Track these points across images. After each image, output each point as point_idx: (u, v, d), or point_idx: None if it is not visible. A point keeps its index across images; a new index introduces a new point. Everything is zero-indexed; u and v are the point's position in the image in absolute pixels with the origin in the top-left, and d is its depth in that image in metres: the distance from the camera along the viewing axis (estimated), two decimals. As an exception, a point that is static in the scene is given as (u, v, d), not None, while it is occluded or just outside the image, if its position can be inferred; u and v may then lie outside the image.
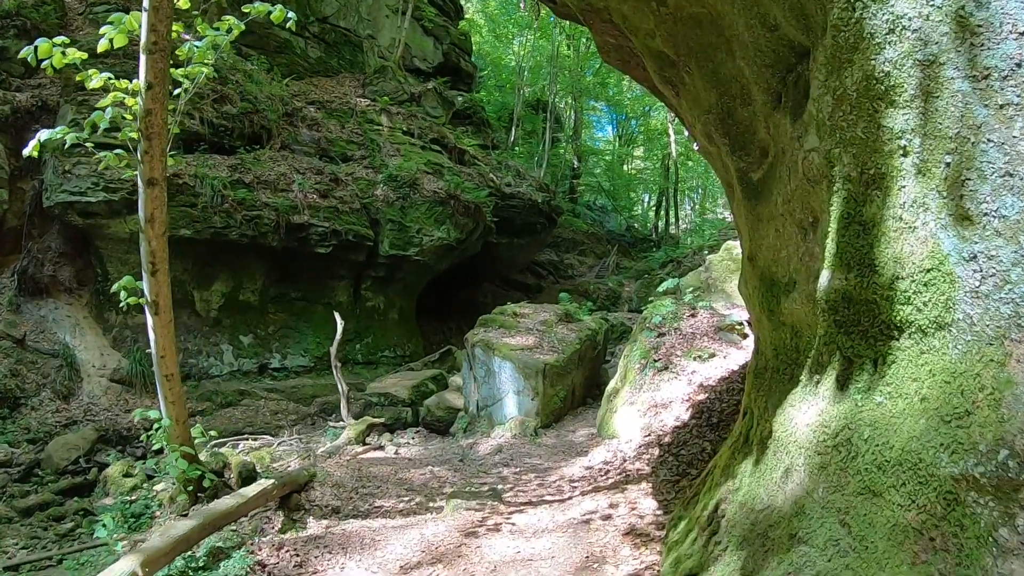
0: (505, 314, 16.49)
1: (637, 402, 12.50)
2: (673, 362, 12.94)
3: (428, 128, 25.81)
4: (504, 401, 14.49)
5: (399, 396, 17.74)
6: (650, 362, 13.02)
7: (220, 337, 20.13)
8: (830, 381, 3.86)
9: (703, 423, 10.65)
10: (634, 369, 13.26)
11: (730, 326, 14.08)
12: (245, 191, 19.83)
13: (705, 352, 13.16)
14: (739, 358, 13.25)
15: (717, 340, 13.79)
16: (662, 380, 12.64)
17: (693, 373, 12.67)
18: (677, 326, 13.99)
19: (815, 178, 3.87)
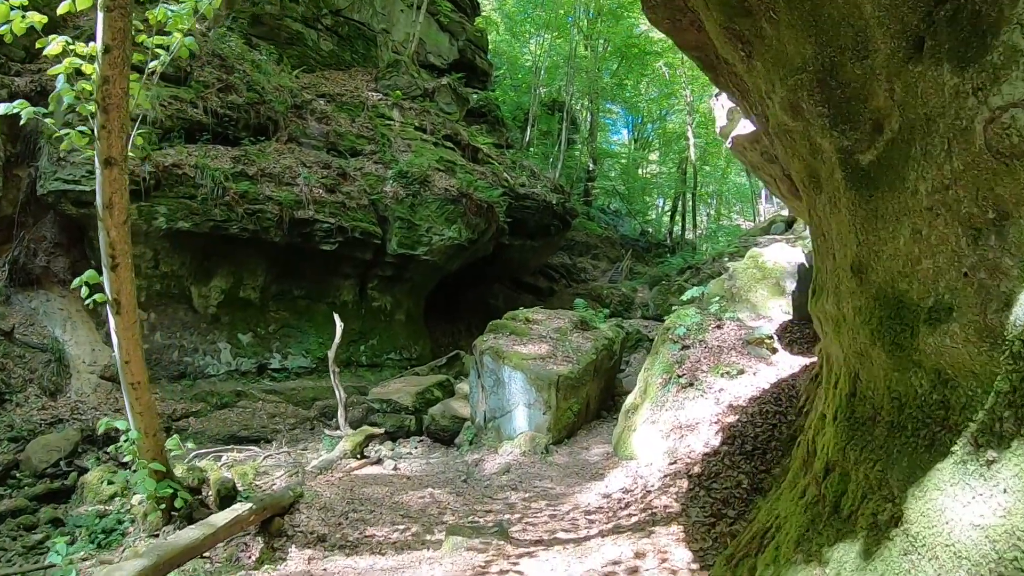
0: (517, 320, 15.17)
1: (659, 421, 11.16)
2: (698, 378, 11.60)
3: (441, 124, 24.51)
4: (513, 413, 13.17)
5: (402, 403, 16.44)
6: (673, 377, 11.69)
7: (218, 335, 18.88)
8: (1020, 465, 2.49)
9: (736, 451, 9.30)
10: (655, 384, 11.92)
11: (759, 340, 12.73)
12: (248, 183, 18.60)
13: (733, 368, 11.81)
14: (769, 375, 11.91)
15: (745, 355, 12.44)
16: (686, 398, 11.30)
17: (721, 391, 11.33)
18: (702, 338, 12.65)
19: (1013, 151, 2.52)
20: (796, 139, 4.33)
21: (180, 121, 18.83)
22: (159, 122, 18.31)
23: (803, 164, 4.42)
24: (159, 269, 18.10)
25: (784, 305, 15.81)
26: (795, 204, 11.81)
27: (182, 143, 18.57)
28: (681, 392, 11.41)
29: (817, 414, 5.15)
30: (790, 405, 10.57)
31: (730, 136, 11.94)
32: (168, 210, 17.36)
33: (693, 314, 13.09)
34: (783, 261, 16.77)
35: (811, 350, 13.48)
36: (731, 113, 11.69)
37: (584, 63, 37.60)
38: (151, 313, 18.15)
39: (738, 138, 11.65)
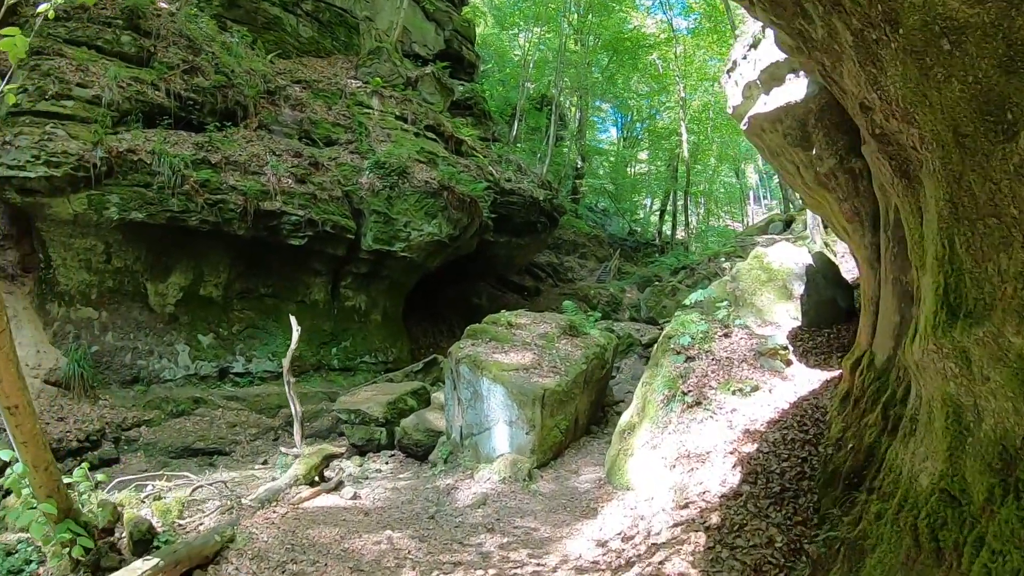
0: (499, 324, 13.23)
1: (661, 447, 9.26)
2: (706, 396, 9.70)
3: (423, 114, 22.50)
4: (492, 431, 11.26)
5: (372, 414, 14.47)
6: (677, 394, 9.79)
7: (176, 336, 16.87)
8: None
9: (761, 492, 7.40)
10: (656, 402, 10.03)
11: (772, 351, 10.86)
12: (210, 172, 16.62)
13: (746, 384, 9.93)
14: (787, 393, 10.05)
15: (757, 368, 10.57)
16: (693, 419, 9.40)
17: (733, 412, 9.44)
18: (708, 348, 10.77)
19: None
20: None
21: (139, 104, 16.84)
22: (115, 104, 16.33)
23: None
24: (111, 264, 16.12)
25: (792, 310, 13.98)
26: (821, 197, 9.93)
27: (140, 127, 16.59)
28: (687, 412, 9.51)
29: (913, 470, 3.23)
30: (818, 432, 8.70)
31: (746, 116, 10.04)
32: (121, 199, 15.40)
33: (698, 321, 11.20)
34: (790, 262, 14.92)
35: (828, 362, 11.63)
36: (748, 90, 9.79)
37: (574, 57, 35.64)
38: (102, 312, 16.17)
39: (756, 118, 9.75)
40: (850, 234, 9.73)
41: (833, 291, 14.92)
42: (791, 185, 11.46)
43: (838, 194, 9.28)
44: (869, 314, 9.16)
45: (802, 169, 9.76)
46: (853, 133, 8.78)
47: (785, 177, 11.16)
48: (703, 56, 36.44)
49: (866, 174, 8.75)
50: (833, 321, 14.52)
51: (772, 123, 9.50)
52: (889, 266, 7.59)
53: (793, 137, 9.37)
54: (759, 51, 9.38)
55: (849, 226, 9.51)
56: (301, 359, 18.17)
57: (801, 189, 10.80)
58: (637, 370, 18.09)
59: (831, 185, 9.31)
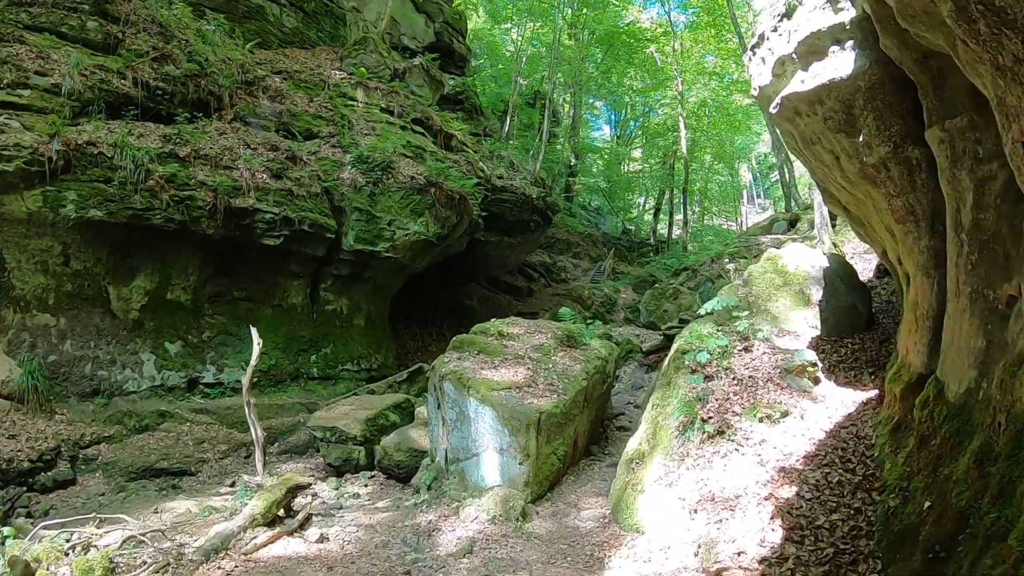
0: (488, 334, 11.62)
1: (679, 485, 7.70)
2: (730, 423, 8.13)
3: (411, 107, 20.85)
4: (481, 459, 9.68)
5: (349, 432, 12.87)
6: (696, 421, 8.21)
7: (141, 344, 15.21)
8: None
9: (810, 556, 5.85)
10: (670, 429, 8.46)
11: (800, 368, 9.29)
12: (177, 166, 14.99)
13: (775, 409, 8.37)
14: (820, 419, 8.51)
15: (784, 388, 9.01)
16: (716, 452, 7.84)
17: (762, 443, 7.88)
18: (728, 365, 9.21)
19: None
20: None
21: (102, 93, 15.23)
22: (76, 94, 14.75)
23: None
24: (70, 266, 14.48)
25: (810, 317, 12.47)
26: (864, 193, 8.38)
27: (102, 118, 14.96)
28: (708, 443, 7.94)
29: None
30: (867, 472, 7.15)
31: (776, 97, 8.45)
32: (79, 196, 13.77)
33: (716, 334, 9.62)
34: (806, 265, 13.41)
35: (860, 379, 10.10)
36: (780, 66, 8.21)
37: (568, 52, 33.95)
38: (60, 318, 14.50)
39: (790, 99, 8.17)
40: (898, 237, 8.17)
41: (852, 296, 13.40)
42: (823, 180, 9.87)
43: (888, 189, 7.72)
44: (924, 331, 7.61)
45: (843, 160, 8.20)
46: (911, 116, 7.24)
47: (817, 171, 9.59)
48: (700, 51, 34.93)
49: (926, 165, 7.21)
50: (854, 330, 12.99)
51: (810, 104, 7.93)
52: (964, 276, 6.02)
53: (835, 121, 7.80)
54: (794, 20, 7.80)
55: (899, 227, 7.94)
56: (277, 367, 16.59)
57: (837, 185, 9.24)
58: (637, 378, 16.54)
59: (880, 178, 7.74)
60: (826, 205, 13.11)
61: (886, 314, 14.07)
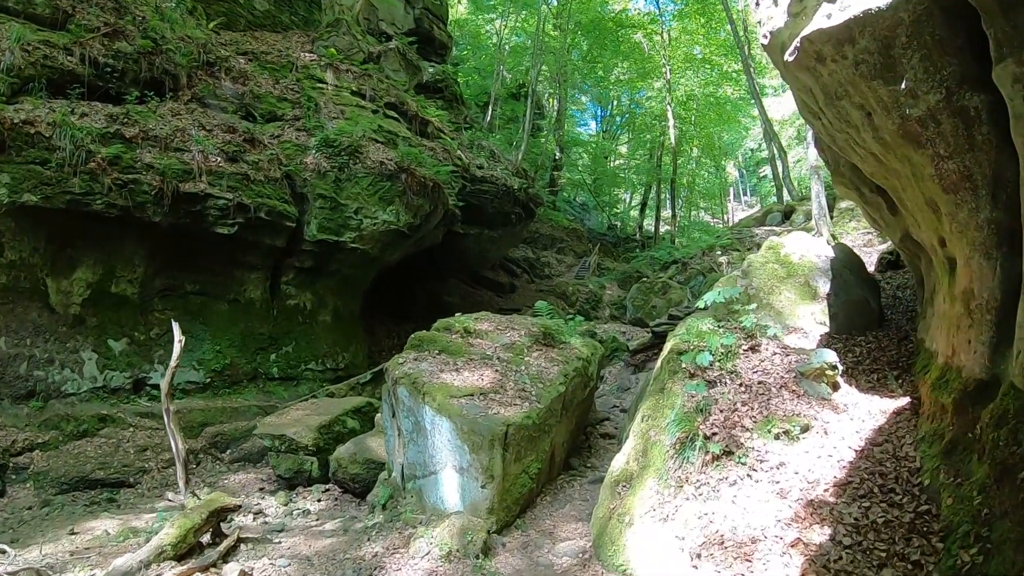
0: (452, 331, 9.82)
1: (677, 519, 5.95)
2: (739, 441, 6.38)
3: (384, 91, 19.02)
4: (439, 477, 7.92)
5: (300, 441, 11.08)
6: (697, 438, 6.45)
7: (82, 342, 13.36)
8: None
9: (866, 638, 4.07)
10: (664, 446, 6.70)
11: (818, 371, 7.55)
12: (121, 147, 13.19)
13: (793, 423, 6.62)
14: (847, 434, 6.80)
15: (801, 396, 7.27)
16: (723, 478, 6.09)
17: (781, 467, 6.13)
18: (733, 368, 7.46)
19: None
20: None
21: (46, 70, 13.43)
22: (15, 70, 12.98)
23: None
24: (3, 257, 12.64)
25: (818, 312, 10.79)
26: (901, 157, 6.63)
27: (44, 96, 13.17)
28: (713, 467, 6.19)
29: None
30: (917, 504, 5.45)
31: (795, 40, 6.67)
32: (12, 179, 11.98)
33: (717, 330, 7.86)
34: (811, 255, 11.70)
35: (884, 382, 8.38)
36: (798, 2, 6.43)
37: (553, 43, 32.09)
38: (-9, 313, 12.69)
39: (812, 40, 6.39)
40: (944, 211, 6.42)
41: (863, 290, 11.70)
42: (843, 150, 8.10)
43: (937, 149, 5.96)
44: (982, 326, 5.88)
45: (878, 116, 6.44)
46: (969, 54, 5.52)
47: (838, 136, 7.82)
48: (688, 41, 33.15)
49: (988, 117, 5.49)
50: (866, 326, 11.28)
51: (837, 45, 6.17)
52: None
53: (870, 65, 6.04)
54: (819, -58, 6.06)
55: (947, 199, 6.19)
56: (233, 367, 14.77)
57: (862, 153, 7.49)
58: (624, 379, 14.77)
59: (925, 136, 5.99)
60: (837, 186, 11.35)
61: (893, 310, 12.43)
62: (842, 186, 10.99)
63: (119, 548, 8.52)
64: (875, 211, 10.92)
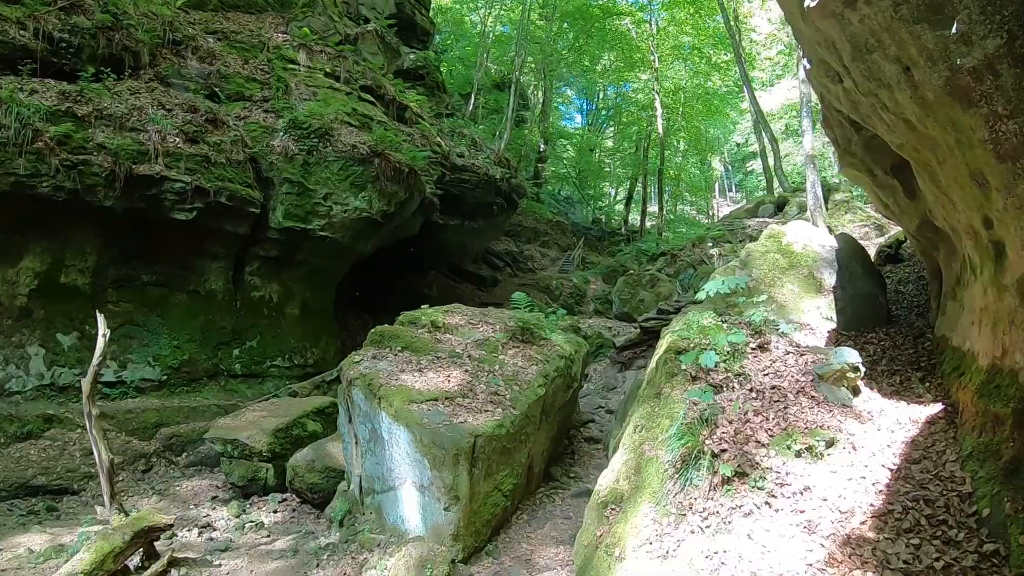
0: (419, 325, 8.57)
1: (678, 557, 4.78)
2: (754, 459, 5.20)
3: (360, 73, 17.73)
4: (399, 494, 6.70)
5: (254, 446, 9.83)
6: (703, 455, 5.26)
7: (28, 336, 12.06)
8: None
9: None
10: (662, 464, 5.51)
11: (837, 373, 6.38)
12: (72, 125, 11.95)
13: (816, 436, 5.45)
14: (878, 449, 5.71)
15: (821, 403, 6.10)
16: (736, 507, 4.90)
17: (805, 492, 4.95)
18: (741, 370, 6.24)
19: None
20: None
21: (-7, 43, 12.24)
22: (-40, 45, 11.82)
23: None
24: (-59, 243, 11.47)
25: (824, 307, 9.73)
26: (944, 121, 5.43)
27: (-8, 73, 12.00)
28: (723, 492, 5.00)
29: None
30: (978, 540, 4.35)
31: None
32: (-48, 160, 10.80)
33: (724, 326, 6.62)
34: (815, 245, 10.61)
35: (908, 386, 7.27)
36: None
37: (538, 32, 30.76)
38: (-72, 305, 11.45)
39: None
40: (995, 185, 5.24)
41: (870, 283, 10.59)
42: (868, 116, 6.88)
43: (993, 106, 4.76)
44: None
45: (919, 71, 5.24)
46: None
47: (862, 103, 6.60)
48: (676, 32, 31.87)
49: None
50: (875, 323, 10.16)
51: (878, -20, 4.97)
52: None
53: (913, 6, 4.85)
54: None
55: (1001, 168, 5.00)
56: (192, 363, 13.49)
57: (890, 119, 6.28)
58: (609, 378, 13.57)
59: (980, 90, 4.79)
60: (845, 168, 10.17)
61: (897, 305, 11.34)
62: (851, 168, 9.82)
63: (38, 570, 7.31)
64: (888, 196, 9.76)
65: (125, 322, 13.17)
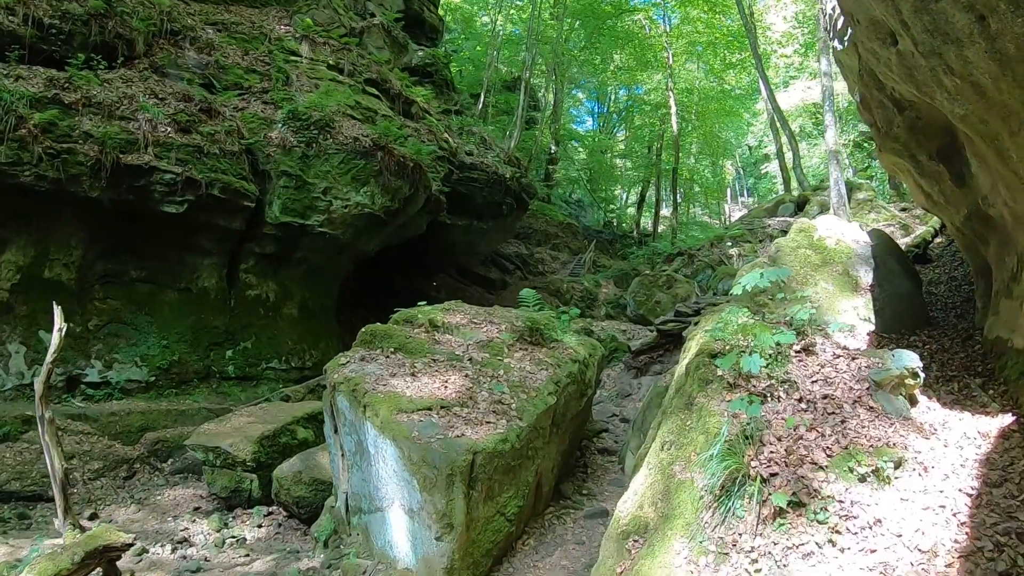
0: (415, 324, 7.55)
1: (721, 609, 3.71)
2: (811, 485, 4.18)
3: (365, 67, 16.80)
4: (387, 516, 5.71)
5: (237, 455, 8.85)
6: (749, 479, 4.23)
7: (9, 332, 11.20)
8: None
9: None
10: (698, 489, 4.49)
11: (896, 379, 5.38)
12: (58, 113, 11.16)
13: (883, 455, 4.45)
14: (952, 470, 4.73)
15: (880, 415, 5.07)
16: (793, 545, 3.87)
17: (875, 526, 3.94)
18: (786, 376, 5.22)
19: None
20: None
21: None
22: (-56, 31, 11.06)
23: None
24: (-80, 236, 10.66)
25: (861, 307, 8.76)
26: None
27: (-24, 61, 11.28)
28: (775, 525, 3.99)
29: None
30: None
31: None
32: (-70, 149, 10.00)
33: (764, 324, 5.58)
34: (848, 239, 9.62)
35: (969, 394, 6.28)
36: None
37: (549, 32, 29.73)
38: (-96, 299, 10.63)
39: None
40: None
41: (908, 282, 9.58)
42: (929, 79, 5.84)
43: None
44: None
45: (998, 16, 4.26)
46: None
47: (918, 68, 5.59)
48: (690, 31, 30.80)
49: None
50: (915, 324, 9.13)
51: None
52: None
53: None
54: None
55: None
56: (182, 364, 12.57)
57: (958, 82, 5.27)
58: (624, 384, 12.54)
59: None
60: (884, 154, 9.17)
61: (931, 307, 10.32)
62: (892, 154, 8.80)
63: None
64: (932, 184, 8.73)
65: (112, 320, 12.26)
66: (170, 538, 8.32)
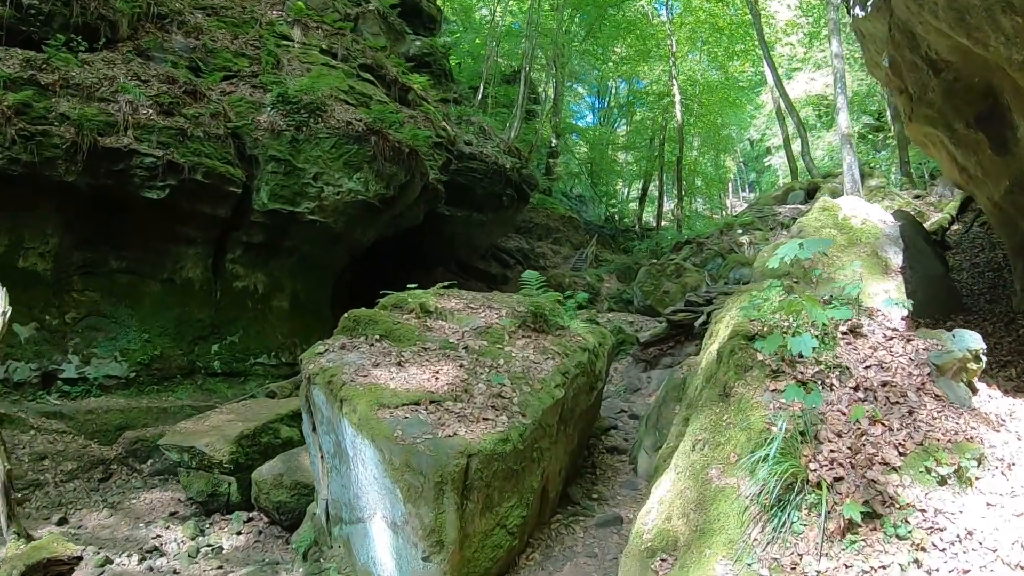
0: (405, 309, 6.71)
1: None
2: (885, 490, 3.32)
3: (360, 52, 15.93)
4: (369, 529, 4.86)
5: (213, 456, 8.00)
6: (808, 486, 3.33)
7: (-21, 326, 10.31)
8: None
9: None
10: (742, 498, 3.62)
11: (959, 363, 4.52)
12: (33, 93, 10.37)
13: (963, 451, 3.57)
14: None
15: (947, 404, 4.18)
16: (867, 565, 3.00)
17: (965, 540, 3.07)
18: (836, 360, 4.34)
19: None
20: None
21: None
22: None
23: None
24: None
25: (893, 291, 7.87)
26: None
27: (-55, 42, 10.48)
28: (845, 543, 3.13)
29: None
30: None
31: None
32: None
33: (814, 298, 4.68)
34: (874, 219, 8.76)
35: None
36: None
37: (549, 23, 28.81)
38: None
39: None
40: None
41: (939, 264, 8.75)
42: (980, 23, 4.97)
43: None
44: None
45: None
46: None
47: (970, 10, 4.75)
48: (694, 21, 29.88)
49: None
50: (949, 309, 8.32)
51: None
52: None
53: None
54: None
55: None
56: (164, 359, 11.71)
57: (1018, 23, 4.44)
58: (632, 378, 11.69)
59: None
60: (915, 124, 8.33)
61: (955, 291, 9.48)
62: (924, 123, 7.97)
63: None
64: (969, 155, 7.89)
65: (90, 312, 11.40)
66: (139, 547, 7.47)
